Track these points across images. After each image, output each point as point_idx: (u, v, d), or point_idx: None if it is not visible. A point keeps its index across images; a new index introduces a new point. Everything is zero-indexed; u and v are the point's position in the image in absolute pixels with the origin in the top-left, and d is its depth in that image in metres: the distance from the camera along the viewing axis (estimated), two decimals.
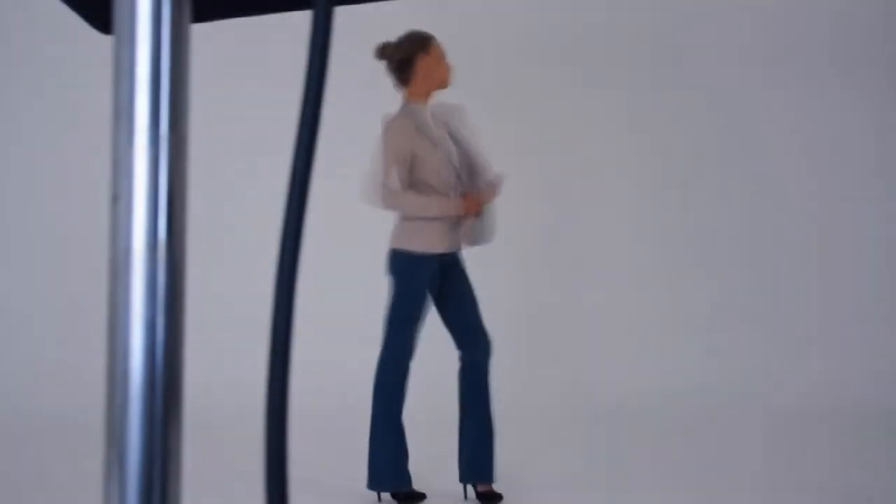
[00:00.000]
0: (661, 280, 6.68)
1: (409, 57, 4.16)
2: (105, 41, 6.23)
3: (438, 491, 4.24)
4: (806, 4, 6.83)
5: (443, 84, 4.16)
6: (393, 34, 4.28)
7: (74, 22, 6.33)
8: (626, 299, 6.67)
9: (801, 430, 5.67)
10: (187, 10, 0.62)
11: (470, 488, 4.24)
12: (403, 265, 4.06)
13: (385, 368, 4.06)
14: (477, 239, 4.15)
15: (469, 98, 4.79)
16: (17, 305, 6.38)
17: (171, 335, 0.60)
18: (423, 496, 4.12)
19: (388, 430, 4.06)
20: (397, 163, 4.04)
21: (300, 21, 6.42)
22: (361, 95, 6.12)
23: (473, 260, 4.88)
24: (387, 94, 4.36)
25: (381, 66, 4.28)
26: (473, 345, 4.12)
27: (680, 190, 6.75)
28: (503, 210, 6.37)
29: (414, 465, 4.53)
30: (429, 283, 4.07)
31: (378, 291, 4.17)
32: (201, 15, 0.71)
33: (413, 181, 4.07)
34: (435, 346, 5.33)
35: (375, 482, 4.08)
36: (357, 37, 5.79)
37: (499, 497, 4.11)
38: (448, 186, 4.09)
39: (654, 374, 6.40)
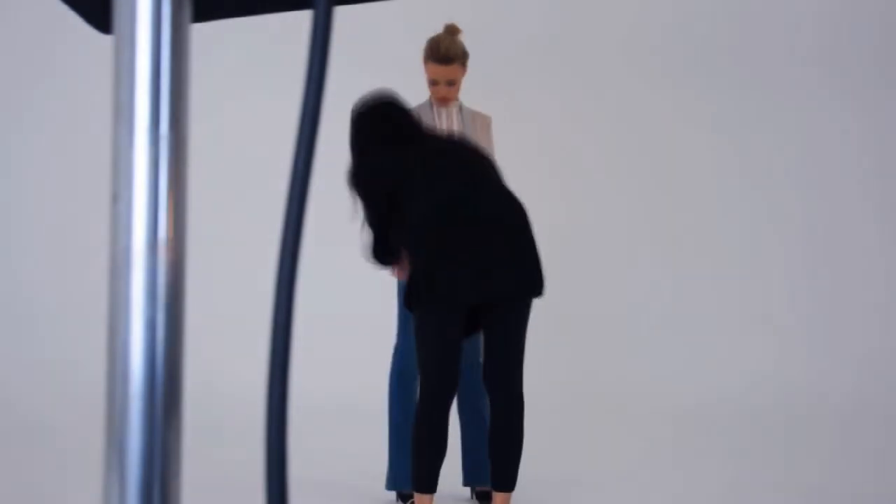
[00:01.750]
0: (663, 280, 6.67)
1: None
2: (105, 41, 6.23)
3: (442, 492, 4.24)
4: (804, 5, 6.83)
5: (436, 102, 4.17)
6: (393, 33, 4.27)
7: (74, 22, 6.32)
8: (626, 299, 6.67)
9: (804, 431, 5.66)
10: (187, 10, 0.62)
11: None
12: None
13: (393, 369, 4.12)
14: None
15: (482, 99, 4.78)
16: (17, 305, 6.38)
17: (171, 335, 0.60)
18: None
19: (398, 430, 4.08)
20: None
21: (300, 21, 6.41)
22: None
23: None
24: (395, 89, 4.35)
25: (383, 65, 4.28)
26: (469, 348, 4.14)
27: (681, 191, 6.75)
28: None
29: None
30: None
31: (379, 290, 4.17)
32: (201, 15, 0.70)
33: None
34: None
35: (392, 482, 4.11)
36: (358, 36, 5.79)
37: None
38: None
39: (653, 373, 6.40)
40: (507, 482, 3.64)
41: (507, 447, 3.63)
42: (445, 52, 4.10)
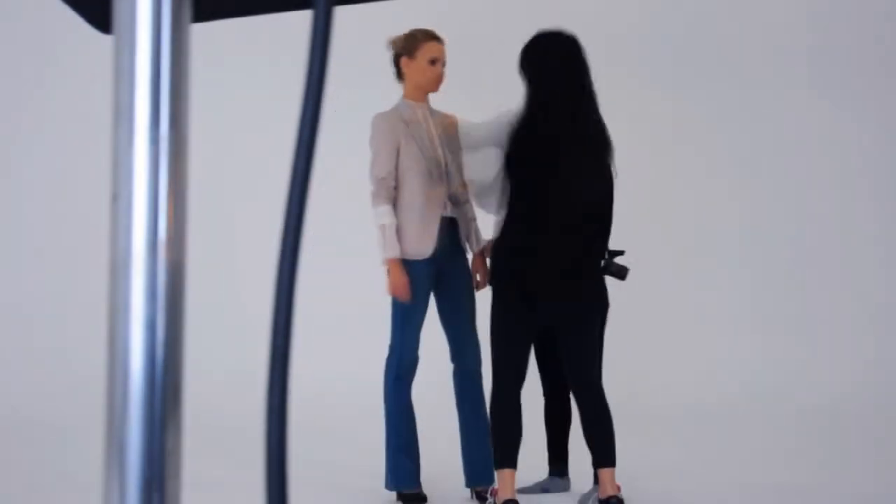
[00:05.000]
0: (661, 280, 6.67)
1: (395, 56, 4.18)
2: (105, 41, 6.23)
3: (443, 493, 4.24)
4: (809, 6, 6.83)
5: (427, 88, 4.15)
6: (392, 34, 4.26)
7: (74, 22, 6.33)
8: (625, 299, 6.66)
9: (803, 431, 5.66)
10: (187, 10, 0.62)
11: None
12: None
13: (388, 368, 4.10)
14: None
15: (480, 100, 4.79)
16: (17, 305, 6.37)
17: (171, 335, 0.60)
18: (424, 498, 4.12)
19: (394, 429, 4.08)
20: (385, 152, 4.04)
21: (300, 21, 6.41)
22: (362, 94, 6.12)
23: None
24: (387, 93, 4.35)
25: (382, 65, 4.28)
26: (462, 353, 4.14)
27: (680, 191, 6.75)
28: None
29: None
30: (424, 286, 4.08)
31: (379, 290, 4.16)
32: (201, 15, 0.70)
33: (398, 170, 4.06)
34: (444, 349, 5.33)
35: (392, 482, 4.11)
36: (358, 36, 5.79)
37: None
38: (431, 182, 4.07)
39: (653, 373, 6.40)
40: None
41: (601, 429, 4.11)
42: (435, 33, 4.13)
